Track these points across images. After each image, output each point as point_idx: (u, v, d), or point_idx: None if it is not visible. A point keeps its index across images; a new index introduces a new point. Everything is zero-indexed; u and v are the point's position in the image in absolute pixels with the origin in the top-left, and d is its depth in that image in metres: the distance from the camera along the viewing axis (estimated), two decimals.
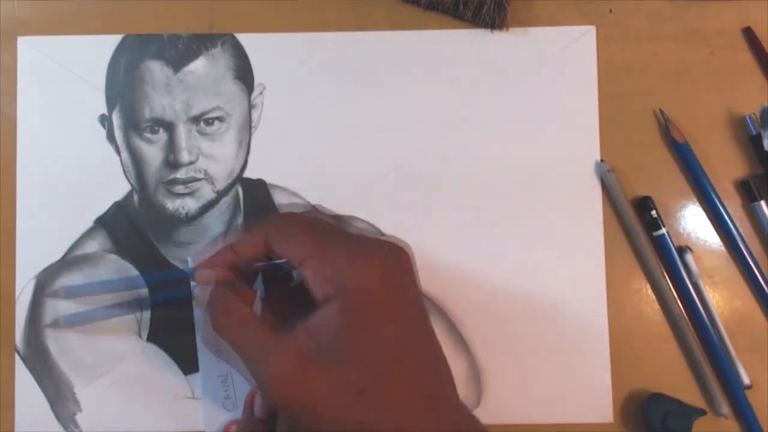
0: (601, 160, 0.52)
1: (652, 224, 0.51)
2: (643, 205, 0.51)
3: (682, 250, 0.51)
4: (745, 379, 0.50)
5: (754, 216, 0.52)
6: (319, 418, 0.37)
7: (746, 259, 0.51)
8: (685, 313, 0.51)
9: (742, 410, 0.50)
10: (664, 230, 0.51)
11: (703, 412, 0.49)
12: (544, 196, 0.52)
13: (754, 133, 0.51)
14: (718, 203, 0.51)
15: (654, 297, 0.52)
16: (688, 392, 0.51)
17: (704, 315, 0.51)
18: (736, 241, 0.51)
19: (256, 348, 0.40)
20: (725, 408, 0.50)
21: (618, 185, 0.51)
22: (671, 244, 0.51)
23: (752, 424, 0.49)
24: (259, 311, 0.45)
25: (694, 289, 0.51)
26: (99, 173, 0.52)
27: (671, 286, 0.51)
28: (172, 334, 0.51)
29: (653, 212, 0.51)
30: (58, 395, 0.51)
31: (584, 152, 0.52)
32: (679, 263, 0.51)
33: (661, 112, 0.52)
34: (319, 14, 0.53)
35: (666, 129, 0.52)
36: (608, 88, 0.53)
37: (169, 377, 0.51)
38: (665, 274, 0.51)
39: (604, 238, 0.52)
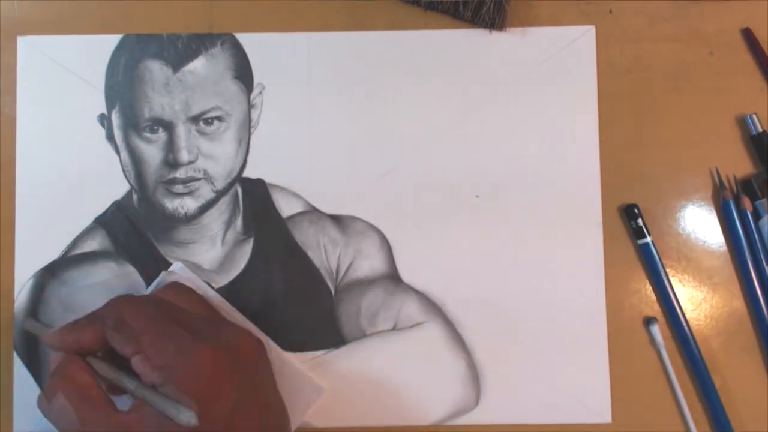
0: None
1: (638, 232, 0.51)
2: (630, 212, 0.51)
3: (649, 321, 0.51)
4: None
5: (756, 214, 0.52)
6: None
7: (746, 262, 0.51)
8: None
9: None
10: (648, 239, 0.51)
11: None
12: (543, 196, 0.52)
13: (755, 133, 0.51)
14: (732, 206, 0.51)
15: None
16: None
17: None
18: (740, 242, 0.51)
19: (91, 421, 0.40)
20: None
21: None
22: (655, 253, 0.51)
23: None
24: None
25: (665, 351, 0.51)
26: (98, 173, 0.52)
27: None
28: None
29: (639, 220, 0.51)
30: None
31: (584, 153, 0.52)
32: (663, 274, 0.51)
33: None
34: (319, 14, 0.53)
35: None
36: (608, 88, 0.53)
37: None
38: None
39: (604, 238, 0.52)
